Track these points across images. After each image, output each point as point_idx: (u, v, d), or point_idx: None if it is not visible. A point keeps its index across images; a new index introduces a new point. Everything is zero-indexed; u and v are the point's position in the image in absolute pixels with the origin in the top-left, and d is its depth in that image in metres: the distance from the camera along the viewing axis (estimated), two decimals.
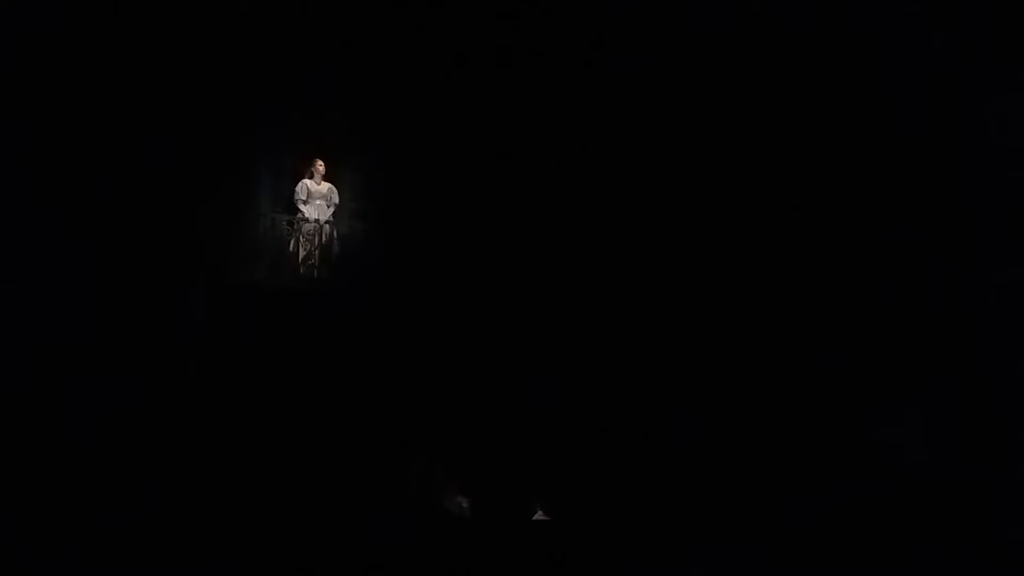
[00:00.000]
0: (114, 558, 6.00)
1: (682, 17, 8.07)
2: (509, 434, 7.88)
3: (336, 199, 8.65)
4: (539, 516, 7.39)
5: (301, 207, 8.55)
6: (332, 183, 8.67)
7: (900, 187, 7.67)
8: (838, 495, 7.04)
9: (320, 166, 8.59)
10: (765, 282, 7.95)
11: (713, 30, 8.07)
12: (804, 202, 7.93)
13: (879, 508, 6.91)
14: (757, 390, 7.72)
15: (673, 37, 8.15)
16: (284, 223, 8.47)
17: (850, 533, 6.76)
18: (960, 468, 6.92)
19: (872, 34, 7.76)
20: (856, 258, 7.76)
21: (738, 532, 6.82)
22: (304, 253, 8.46)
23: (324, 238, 8.51)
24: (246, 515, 6.67)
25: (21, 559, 5.91)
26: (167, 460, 7.00)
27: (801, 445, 7.41)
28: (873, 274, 7.68)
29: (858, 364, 7.52)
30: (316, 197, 8.59)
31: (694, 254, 8.13)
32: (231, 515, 6.67)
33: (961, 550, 6.51)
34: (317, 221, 8.52)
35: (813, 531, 6.75)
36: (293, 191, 8.56)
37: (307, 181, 8.60)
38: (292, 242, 8.46)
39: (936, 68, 7.58)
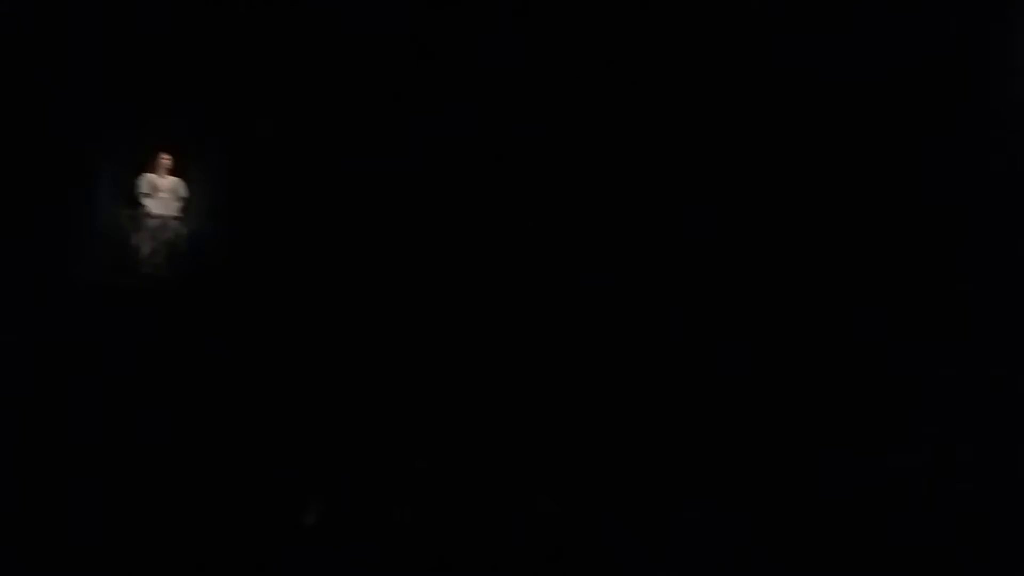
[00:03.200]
0: None
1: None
2: (369, 438, 7.71)
3: (183, 193, 8.35)
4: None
5: (144, 201, 8.26)
6: (181, 178, 8.35)
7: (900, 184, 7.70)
8: (839, 495, 7.04)
9: (165, 159, 8.28)
10: (765, 282, 7.85)
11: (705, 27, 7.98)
12: (803, 201, 7.87)
13: (880, 509, 6.94)
14: (757, 390, 7.62)
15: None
16: (125, 218, 8.19)
17: (851, 534, 6.80)
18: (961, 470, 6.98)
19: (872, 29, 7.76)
20: (857, 258, 7.71)
21: (738, 531, 6.83)
22: (148, 250, 8.19)
23: (170, 234, 8.24)
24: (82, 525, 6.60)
25: None
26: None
27: (802, 445, 7.36)
28: (874, 273, 7.66)
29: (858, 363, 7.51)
30: (161, 191, 8.30)
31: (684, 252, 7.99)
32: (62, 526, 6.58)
33: (962, 551, 6.58)
34: (162, 217, 8.24)
35: (813, 531, 6.79)
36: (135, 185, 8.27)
37: (150, 175, 8.29)
38: (134, 238, 8.17)
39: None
